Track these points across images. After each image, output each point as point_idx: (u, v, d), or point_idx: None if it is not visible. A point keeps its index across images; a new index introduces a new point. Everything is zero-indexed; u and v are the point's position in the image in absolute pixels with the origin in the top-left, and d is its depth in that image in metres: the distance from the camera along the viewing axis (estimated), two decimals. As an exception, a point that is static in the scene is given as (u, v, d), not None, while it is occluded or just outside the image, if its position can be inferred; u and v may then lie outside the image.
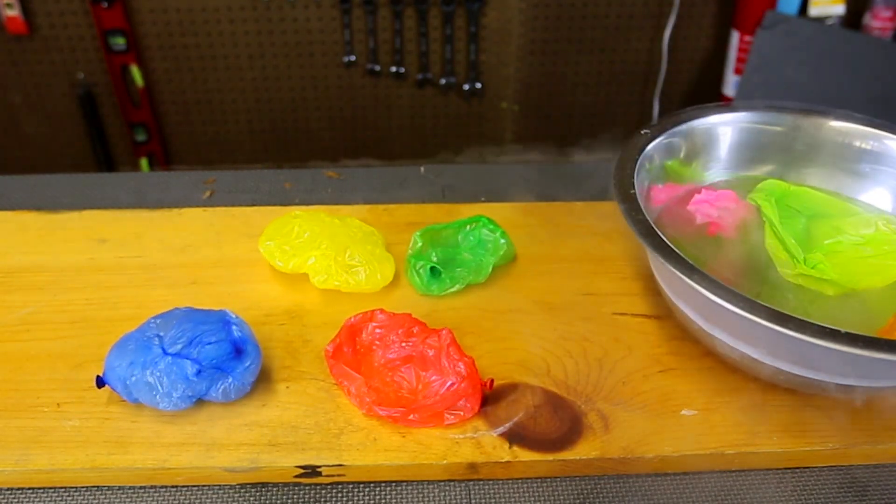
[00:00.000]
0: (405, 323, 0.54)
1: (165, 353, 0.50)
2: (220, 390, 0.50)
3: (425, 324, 0.55)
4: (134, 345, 0.51)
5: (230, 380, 0.50)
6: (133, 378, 0.49)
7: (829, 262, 0.56)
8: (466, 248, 0.65)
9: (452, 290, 0.62)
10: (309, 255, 0.62)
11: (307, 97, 1.78)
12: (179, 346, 0.50)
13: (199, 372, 0.49)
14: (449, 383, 0.50)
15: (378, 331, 0.54)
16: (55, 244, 0.68)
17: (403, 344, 0.52)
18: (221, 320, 0.52)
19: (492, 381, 0.53)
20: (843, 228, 0.58)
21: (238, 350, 0.51)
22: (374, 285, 0.62)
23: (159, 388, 0.49)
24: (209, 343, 0.50)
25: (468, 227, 0.66)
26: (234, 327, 0.52)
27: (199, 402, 0.51)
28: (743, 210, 0.61)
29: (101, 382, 0.51)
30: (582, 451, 0.50)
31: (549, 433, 0.51)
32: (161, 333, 0.51)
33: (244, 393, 0.52)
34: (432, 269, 0.62)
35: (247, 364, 0.51)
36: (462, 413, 0.51)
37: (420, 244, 0.64)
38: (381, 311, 0.55)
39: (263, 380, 0.54)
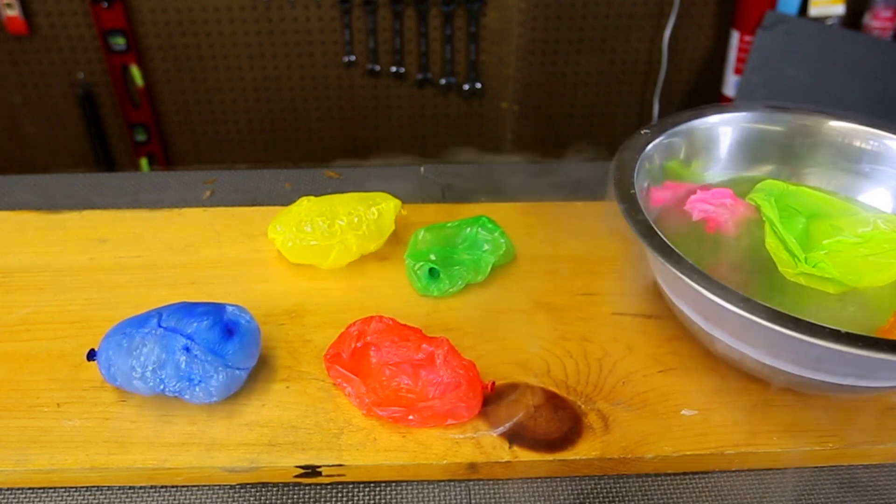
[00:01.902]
0: (403, 331, 0.54)
1: (160, 325, 0.50)
2: (213, 385, 0.50)
3: (421, 331, 0.55)
4: (135, 319, 0.52)
5: (219, 372, 0.50)
6: (123, 346, 0.50)
7: (830, 261, 0.56)
8: (466, 248, 0.65)
9: (452, 290, 0.62)
10: (324, 221, 0.64)
11: (307, 97, 1.78)
12: (174, 322, 0.50)
13: (187, 349, 0.49)
14: (445, 385, 0.50)
15: (377, 337, 0.54)
16: (55, 244, 0.68)
17: (401, 349, 0.52)
18: (219, 306, 0.53)
19: (493, 383, 0.53)
20: (842, 228, 0.58)
21: (230, 331, 0.51)
22: (396, 207, 0.66)
23: (140, 359, 0.49)
24: (201, 321, 0.50)
25: (468, 227, 0.66)
26: (228, 310, 0.52)
27: (199, 402, 0.51)
28: (740, 206, 0.61)
29: (91, 354, 0.51)
30: (582, 451, 0.50)
31: (549, 433, 0.51)
32: (162, 313, 0.52)
33: (239, 383, 0.52)
34: (431, 269, 0.62)
35: (236, 346, 0.51)
36: (463, 415, 0.51)
37: (419, 244, 0.64)
38: (380, 318, 0.55)
39: (263, 380, 0.54)
